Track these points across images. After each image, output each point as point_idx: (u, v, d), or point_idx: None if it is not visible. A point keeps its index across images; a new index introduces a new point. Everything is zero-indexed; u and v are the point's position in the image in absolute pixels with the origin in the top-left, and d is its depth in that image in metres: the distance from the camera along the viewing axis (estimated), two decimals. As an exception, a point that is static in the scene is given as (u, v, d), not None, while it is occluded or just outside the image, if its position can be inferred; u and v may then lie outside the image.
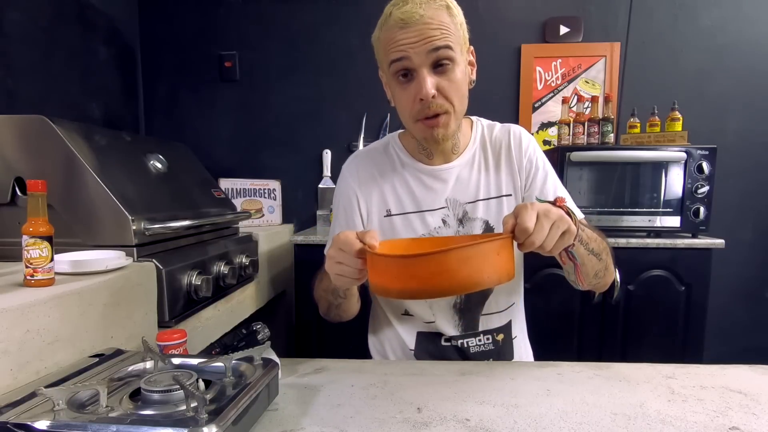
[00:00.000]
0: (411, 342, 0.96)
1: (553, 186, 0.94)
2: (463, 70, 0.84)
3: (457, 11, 0.83)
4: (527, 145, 0.95)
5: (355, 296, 0.91)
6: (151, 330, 0.93)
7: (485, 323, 0.95)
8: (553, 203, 0.68)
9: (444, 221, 0.93)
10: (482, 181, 0.94)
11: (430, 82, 0.79)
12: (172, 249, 1.10)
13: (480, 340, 0.95)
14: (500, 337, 0.96)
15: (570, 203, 0.94)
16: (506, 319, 0.97)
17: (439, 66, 0.80)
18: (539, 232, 0.63)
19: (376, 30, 0.85)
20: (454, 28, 0.81)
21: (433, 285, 0.59)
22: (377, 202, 0.96)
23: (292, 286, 1.90)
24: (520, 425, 0.60)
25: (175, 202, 1.22)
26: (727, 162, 1.97)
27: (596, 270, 0.85)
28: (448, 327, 0.94)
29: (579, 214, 0.95)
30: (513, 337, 0.98)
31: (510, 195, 0.94)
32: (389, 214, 0.95)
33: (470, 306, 0.94)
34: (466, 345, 0.95)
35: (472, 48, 0.88)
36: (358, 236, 0.69)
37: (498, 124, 0.99)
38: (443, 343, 0.95)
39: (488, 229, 0.93)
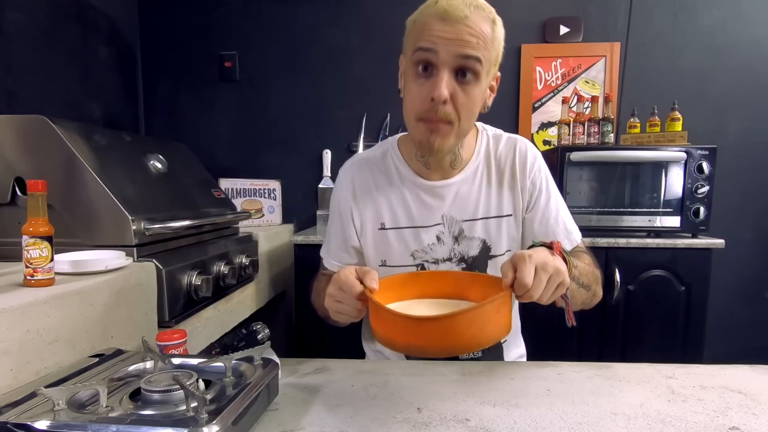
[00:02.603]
0: None
1: (555, 208, 0.93)
2: (483, 91, 0.80)
3: (500, 30, 0.79)
4: (532, 164, 0.92)
5: None
6: (151, 330, 0.93)
7: None
8: (549, 246, 0.68)
9: (438, 238, 0.92)
10: (482, 198, 0.92)
11: (447, 84, 0.76)
12: (172, 249, 1.10)
13: None
14: None
15: (569, 220, 0.94)
16: None
17: (461, 74, 0.77)
18: (537, 287, 0.63)
19: (415, 12, 0.81)
20: (491, 44, 0.77)
21: (439, 345, 0.60)
22: (372, 215, 0.94)
23: (292, 286, 1.90)
24: (520, 425, 0.60)
25: (175, 202, 1.22)
26: (727, 162, 1.97)
27: (584, 299, 0.85)
28: None
29: (578, 237, 0.94)
30: (503, 342, 0.97)
31: (510, 215, 0.92)
32: (383, 228, 0.94)
33: None
34: None
35: (499, 75, 0.84)
36: (358, 275, 0.68)
37: (504, 136, 0.95)
38: None
39: (485, 248, 0.92)
